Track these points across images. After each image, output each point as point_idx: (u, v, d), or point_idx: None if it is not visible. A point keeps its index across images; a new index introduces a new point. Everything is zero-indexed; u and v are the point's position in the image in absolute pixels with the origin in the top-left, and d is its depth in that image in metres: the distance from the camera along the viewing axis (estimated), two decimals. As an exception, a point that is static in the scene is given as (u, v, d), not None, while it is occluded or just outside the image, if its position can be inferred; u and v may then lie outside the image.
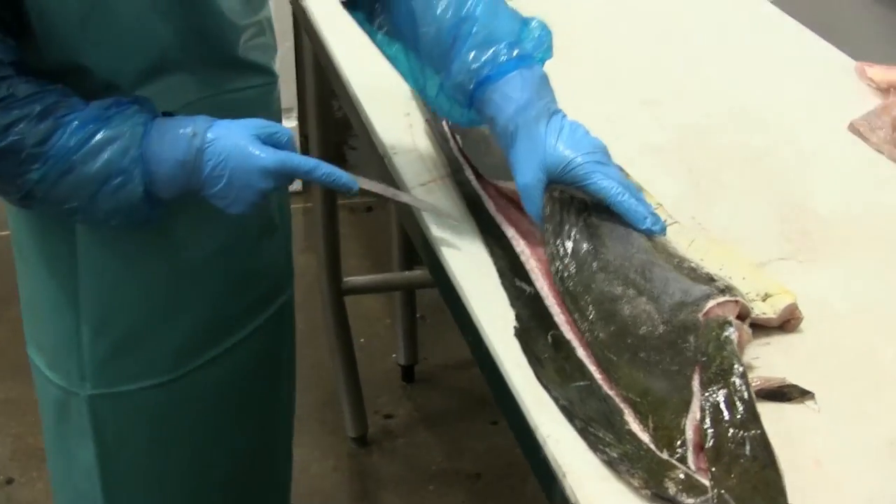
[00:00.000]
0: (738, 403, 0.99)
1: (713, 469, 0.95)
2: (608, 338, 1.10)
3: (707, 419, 0.99)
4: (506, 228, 1.27)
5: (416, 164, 1.43)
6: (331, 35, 1.80)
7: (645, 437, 1.00)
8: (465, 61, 1.21)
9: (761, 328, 1.14)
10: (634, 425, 1.02)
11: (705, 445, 0.97)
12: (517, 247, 1.24)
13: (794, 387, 1.07)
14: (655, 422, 1.01)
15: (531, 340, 1.13)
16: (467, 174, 1.37)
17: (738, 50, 1.78)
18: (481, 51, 1.20)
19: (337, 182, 1.22)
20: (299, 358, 1.63)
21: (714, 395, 1.00)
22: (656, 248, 1.17)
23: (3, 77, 1.14)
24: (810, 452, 1.00)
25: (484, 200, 1.32)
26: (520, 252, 1.24)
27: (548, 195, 1.21)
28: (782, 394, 1.06)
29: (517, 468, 2.51)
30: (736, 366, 1.02)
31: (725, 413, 0.98)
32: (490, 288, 1.22)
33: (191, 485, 1.48)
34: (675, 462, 0.97)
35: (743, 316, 1.10)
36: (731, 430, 0.97)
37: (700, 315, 1.07)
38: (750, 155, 1.48)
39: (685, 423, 0.99)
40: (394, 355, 2.83)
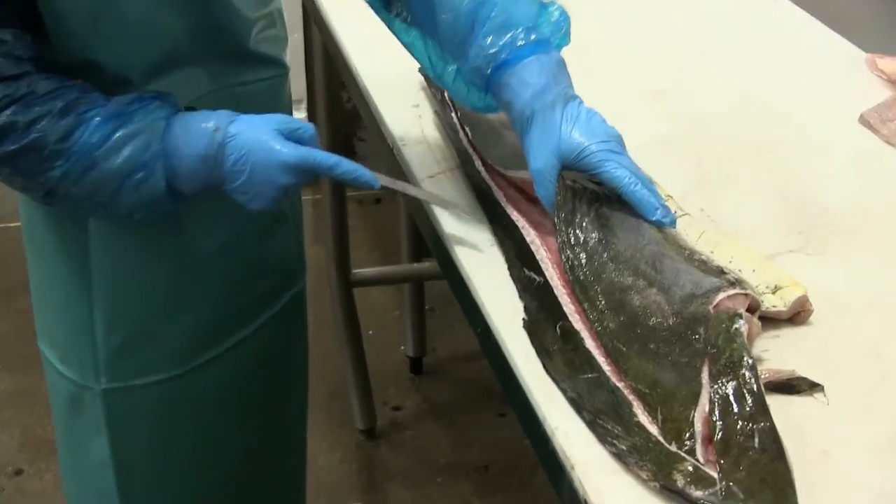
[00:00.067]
0: (747, 396, 0.99)
1: (722, 461, 0.94)
2: (618, 328, 1.10)
3: (716, 411, 0.98)
4: (516, 219, 1.27)
5: (425, 156, 1.43)
6: (340, 26, 1.79)
7: (653, 430, 1.00)
8: (482, 45, 1.21)
9: (771, 321, 1.13)
10: (643, 417, 1.02)
11: (714, 438, 0.97)
12: (527, 237, 1.24)
13: (804, 379, 1.06)
14: (664, 414, 1.01)
15: (540, 332, 1.13)
16: (477, 166, 1.36)
17: (747, 41, 1.77)
18: (499, 35, 1.20)
19: (359, 179, 1.22)
20: (307, 350, 1.63)
21: (723, 388, 1.00)
22: (667, 240, 1.17)
23: (22, 74, 1.13)
24: (819, 445, 1.00)
25: (493, 191, 1.32)
26: (530, 242, 1.23)
27: (561, 183, 1.20)
28: (791, 386, 1.06)
29: (525, 460, 2.52)
30: (745, 358, 1.01)
31: (734, 405, 0.98)
32: (499, 280, 1.22)
33: (205, 475, 1.49)
34: (683, 454, 0.96)
35: (753, 308, 1.10)
36: (740, 423, 0.97)
37: (710, 307, 1.07)
38: (759, 147, 1.48)
39: (694, 416, 0.99)
40: (402, 347, 2.83)
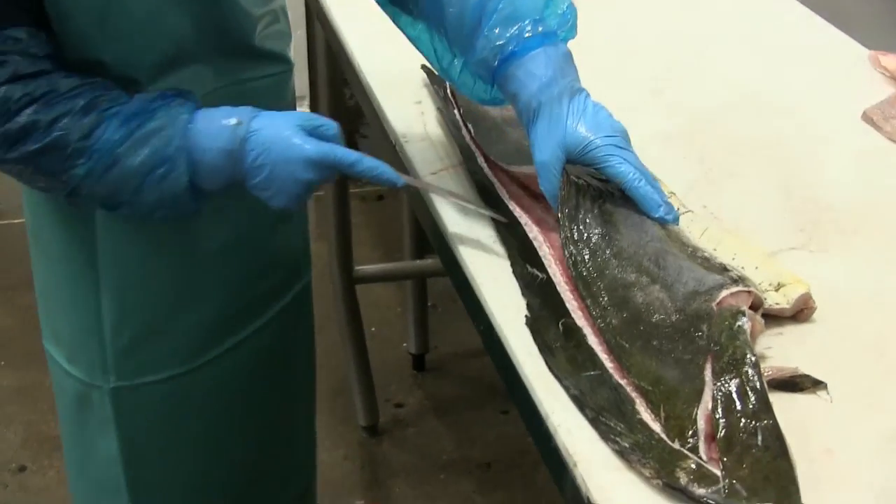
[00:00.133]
0: (750, 393, 0.99)
1: (725, 459, 0.94)
2: (621, 324, 1.09)
3: (719, 409, 0.98)
4: (519, 215, 1.27)
5: (427, 153, 1.43)
6: (343, 23, 1.79)
7: (656, 427, 1.00)
8: (489, 37, 1.21)
9: (774, 318, 1.13)
10: (646, 415, 1.02)
11: (717, 435, 0.97)
12: (530, 233, 1.24)
13: (807, 377, 1.06)
14: (667, 411, 1.01)
15: (542, 329, 1.13)
16: (479, 162, 1.36)
17: (750, 38, 1.77)
18: (506, 27, 1.20)
19: (381, 177, 1.21)
20: (310, 347, 1.63)
21: (726, 385, 1.00)
22: (670, 237, 1.17)
23: (41, 72, 1.13)
24: (822, 442, 1.00)
25: (496, 188, 1.32)
26: (533, 238, 1.23)
27: (565, 178, 1.20)
28: (794, 384, 1.06)
29: (528, 457, 2.52)
30: (748, 355, 1.01)
31: (737, 403, 0.98)
32: (501, 277, 1.22)
33: (213, 470, 1.49)
34: (686, 452, 0.96)
35: (756, 306, 1.10)
36: (743, 420, 0.97)
37: (713, 304, 1.07)
38: (762, 143, 1.48)
39: (697, 413, 0.99)
40: (405, 344, 2.83)
